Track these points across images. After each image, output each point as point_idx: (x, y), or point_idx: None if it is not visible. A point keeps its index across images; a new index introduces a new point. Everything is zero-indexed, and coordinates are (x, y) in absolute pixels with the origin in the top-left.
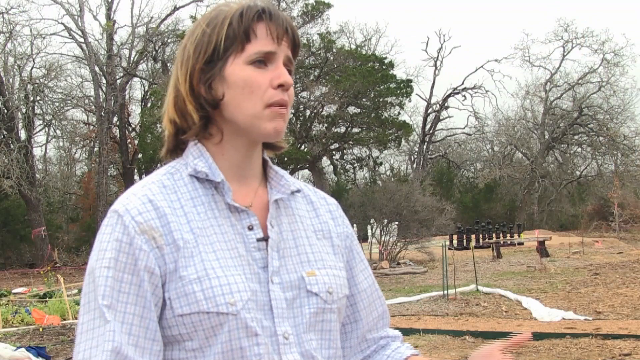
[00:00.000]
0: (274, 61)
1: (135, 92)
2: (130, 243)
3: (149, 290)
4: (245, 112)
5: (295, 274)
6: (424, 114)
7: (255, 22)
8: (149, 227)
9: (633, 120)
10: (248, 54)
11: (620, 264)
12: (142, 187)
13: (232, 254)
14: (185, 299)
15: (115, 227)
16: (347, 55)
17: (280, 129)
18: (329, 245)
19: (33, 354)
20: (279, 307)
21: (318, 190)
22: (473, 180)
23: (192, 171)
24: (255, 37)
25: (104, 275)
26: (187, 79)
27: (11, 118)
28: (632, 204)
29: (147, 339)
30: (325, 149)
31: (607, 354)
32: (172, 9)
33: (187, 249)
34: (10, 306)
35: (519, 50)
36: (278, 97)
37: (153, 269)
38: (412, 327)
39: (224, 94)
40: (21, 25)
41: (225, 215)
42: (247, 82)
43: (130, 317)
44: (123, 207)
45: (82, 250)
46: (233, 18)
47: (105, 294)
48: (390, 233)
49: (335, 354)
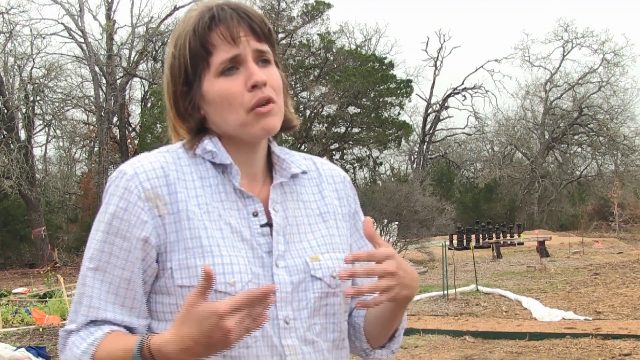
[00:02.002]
0: (243, 62)
1: (135, 92)
2: (126, 209)
3: (140, 257)
4: (231, 124)
5: (300, 259)
6: (424, 114)
7: (208, 33)
8: (155, 195)
9: (633, 120)
10: (215, 67)
11: (620, 264)
12: (158, 153)
13: (236, 237)
14: (186, 271)
15: (120, 189)
16: (347, 55)
17: (270, 126)
18: (334, 227)
19: (33, 354)
20: (282, 291)
21: (327, 165)
22: (473, 180)
23: (200, 151)
24: (214, 47)
25: (97, 239)
26: (172, 104)
27: (11, 118)
28: (632, 204)
29: (135, 299)
30: (325, 149)
31: (607, 354)
32: (172, 9)
33: (192, 220)
34: (10, 306)
35: (519, 50)
36: (256, 97)
37: (147, 237)
38: (412, 327)
39: (207, 112)
40: (21, 25)
41: (232, 199)
42: (222, 95)
43: (117, 279)
44: (132, 170)
45: (82, 250)
46: (190, 36)
47: (94, 257)
48: (390, 233)
49: (339, 337)
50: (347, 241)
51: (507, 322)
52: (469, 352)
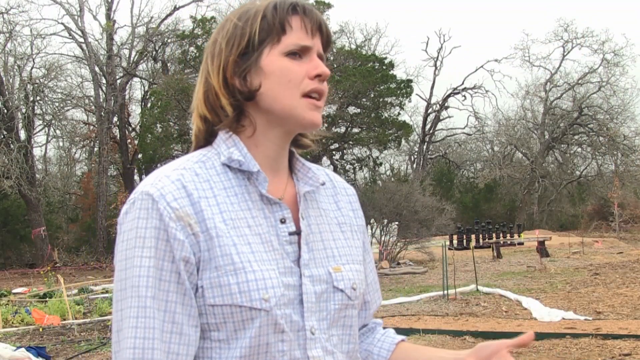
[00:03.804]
0: (308, 54)
1: (135, 92)
2: (166, 230)
3: (187, 278)
4: (284, 102)
5: (323, 268)
6: (424, 114)
7: (290, 15)
8: (185, 214)
9: (633, 120)
10: (285, 45)
11: (620, 264)
12: (175, 171)
13: (266, 248)
14: (219, 290)
15: (152, 212)
16: (347, 55)
17: (317, 120)
18: (352, 238)
19: (33, 354)
20: (309, 301)
21: (337, 177)
22: (473, 180)
23: (226, 160)
24: (290, 29)
25: (146, 266)
26: (220, 72)
27: (11, 118)
28: (632, 204)
29: (190, 325)
30: (325, 149)
31: (607, 354)
32: (172, 9)
33: (220, 238)
34: (10, 306)
35: (519, 50)
36: (315, 85)
37: (188, 258)
38: (412, 327)
39: (261, 84)
40: (21, 25)
41: (259, 207)
42: (284, 71)
43: (173, 305)
44: (158, 192)
45: (82, 250)
46: (267, 10)
47: (149, 285)
48: (390, 233)
49: (353, 349)
50: (362, 253)
51: (507, 322)
52: None
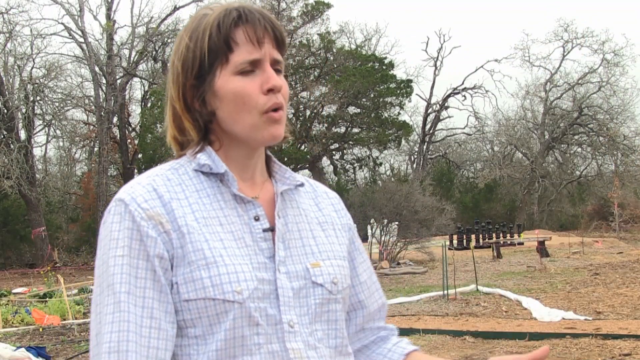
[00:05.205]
0: (260, 66)
1: (135, 92)
2: (138, 230)
3: (162, 274)
4: (243, 124)
5: (301, 265)
6: (424, 114)
7: (233, 30)
8: (156, 213)
9: (633, 120)
10: (234, 65)
11: (620, 264)
12: (147, 178)
13: (239, 244)
14: (192, 285)
15: (125, 215)
16: (347, 55)
17: (278, 134)
18: (334, 236)
19: (33, 354)
20: (285, 295)
21: (319, 184)
22: (473, 180)
23: (196, 165)
24: (236, 45)
25: (119, 264)
26: (180, 97)
27: (11, 118)
28: (632, 204)
29: (167, 322)
30: (325, 149)
31: (607, 354)
32: (172, 9)
33: (192, 234)
34: (10, 306)
35: (519, 50)
36: (271, 101)
37: (162, 254)
38: (412, 327)
39: (218, 108)
40: (21, 25)
41: (232, 206)
42: (237, 93)
43: (150, 301)
44: (129, 196)
45: (82, 250)
46: (212, 29)
47: (123, 281)
48: (390, 233)
49: (341, 344)
50: (346, 250)
51: (507, 322)
52: (469, 352)
